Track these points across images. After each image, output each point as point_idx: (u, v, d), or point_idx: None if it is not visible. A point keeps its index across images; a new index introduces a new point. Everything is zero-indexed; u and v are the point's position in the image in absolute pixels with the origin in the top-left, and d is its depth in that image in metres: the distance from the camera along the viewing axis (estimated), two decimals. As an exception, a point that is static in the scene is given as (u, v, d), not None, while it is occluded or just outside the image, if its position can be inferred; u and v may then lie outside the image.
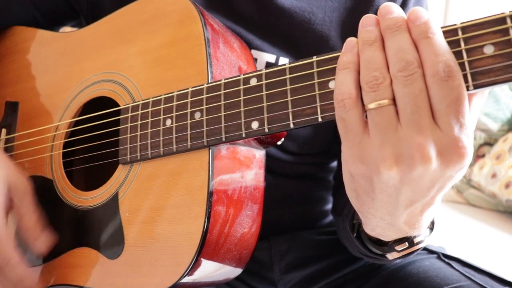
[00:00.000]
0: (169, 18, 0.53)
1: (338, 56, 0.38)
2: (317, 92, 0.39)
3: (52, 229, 0.58)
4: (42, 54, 0.68)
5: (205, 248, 0.46)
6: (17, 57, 0.71)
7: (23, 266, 0.52)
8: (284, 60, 0.62)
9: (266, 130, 0.42)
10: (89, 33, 0.63)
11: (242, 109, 0.44)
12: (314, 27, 0.62)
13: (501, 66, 0.31)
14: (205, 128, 0.46)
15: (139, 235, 0.50)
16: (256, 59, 0.61)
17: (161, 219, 0.49)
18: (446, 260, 0.60)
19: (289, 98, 0.41)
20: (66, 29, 0.77)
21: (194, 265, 0.46)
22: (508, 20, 0.31)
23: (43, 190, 0.61)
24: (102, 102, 0.59)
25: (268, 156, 0.57)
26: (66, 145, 0.62)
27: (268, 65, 0.62)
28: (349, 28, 0.63)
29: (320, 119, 0.38)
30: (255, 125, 0.43)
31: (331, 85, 0.38)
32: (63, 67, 0.65)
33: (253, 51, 0.61)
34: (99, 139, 0.59)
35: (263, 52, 0.62)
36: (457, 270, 0.57)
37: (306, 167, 0.71)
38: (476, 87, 0.32)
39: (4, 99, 0.70)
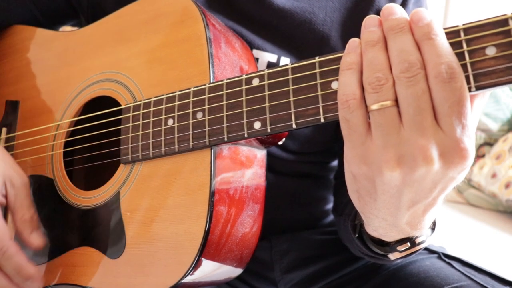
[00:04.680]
0: (170, 18, 0.53)
1: (340, 57, 0.38)
2: (319, 92, 0.39)
3: (52, 228, 0.58)
4: (43, 53, 0.68)
5: (207, 248, 0.46)
6: (17, 56, 0.71)
7: (20, 256, 0.52)
8: (285, 60, 0.62)
9: (269, 130, 0.42)
10: (90, 32, 0.63)
11: (244, 109, 0.44)
12: (315, 27, 0.62)
13: (503, 68, 0.31)
14: (207, 128, 0.46)
15: (141, 235, 0.50)
16: (257, 59, 0.61)
17: (163, 219, 0.49)
18: (447, 260, 0.60)
19: (291, 99, 0.41)
20: (66, 28, 0.77)
21: (196, 265, 0.46)
22: (510, 21, 0.31)
23: (44, 189, 0.61)
24: (103, 102, 0.59)
25: (269, 155, 0.57)
26: (67, 145, 0.62)
27: (270, 64, 0.62)
28: (350, 28, 0.63)
29: (322, 120, 0.38)
30: (257, 125, 0.43)
31: (334, 85, 0.38)
32: (64, 66, 0.65)
33: (255, 51, 0.61)
34: (100, 139, 0.59)
35: (264, 52, 0.62)
36: (458, 270, 0.57)
37: (307, 166, 0.71)
38: (478, 88, 0.32)
39: (4, 98, 0.70)
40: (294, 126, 0.40)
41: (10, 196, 0.55)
